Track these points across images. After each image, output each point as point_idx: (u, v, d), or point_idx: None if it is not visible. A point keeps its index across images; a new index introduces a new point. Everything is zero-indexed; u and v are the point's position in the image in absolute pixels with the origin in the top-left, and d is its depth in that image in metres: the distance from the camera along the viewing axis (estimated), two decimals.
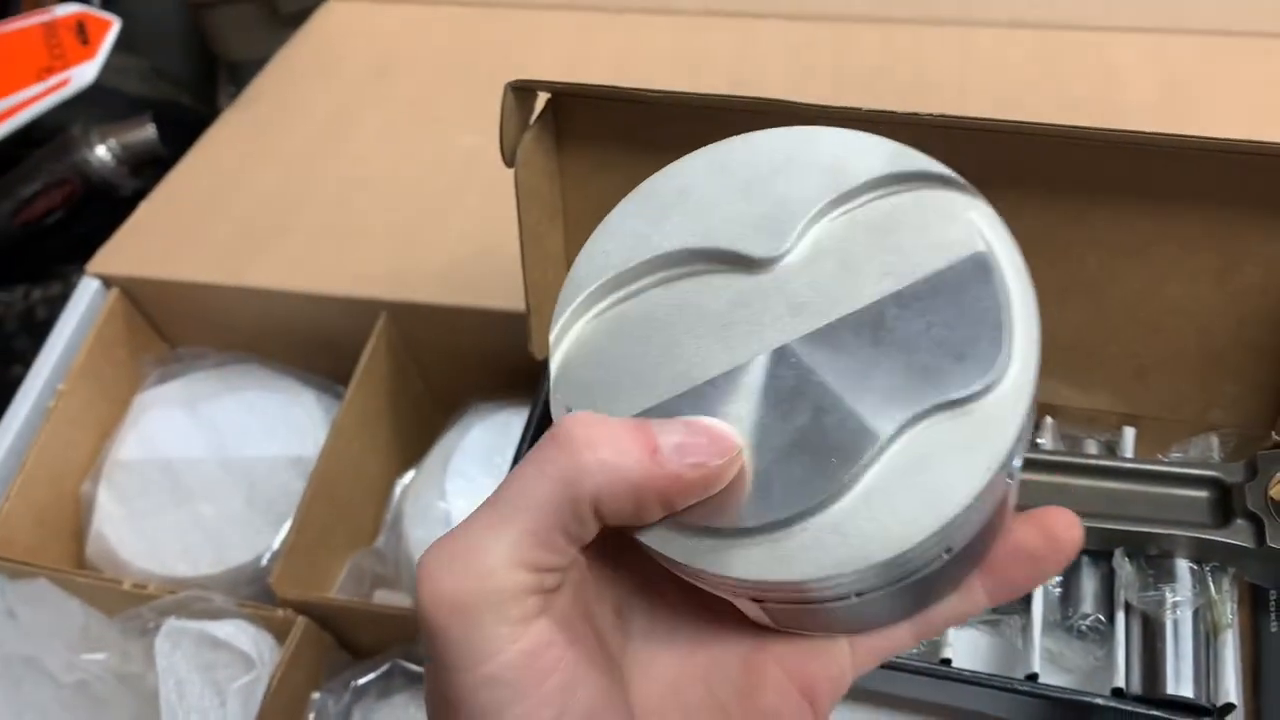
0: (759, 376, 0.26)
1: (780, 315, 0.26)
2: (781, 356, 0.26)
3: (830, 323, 0.26)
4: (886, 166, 0.27)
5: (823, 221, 0.27)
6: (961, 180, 0.27)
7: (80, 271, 0.72)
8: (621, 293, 0.28)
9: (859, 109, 0.46)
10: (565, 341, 0.28)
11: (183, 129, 0.88)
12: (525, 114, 0.49)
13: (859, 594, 0.25)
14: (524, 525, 0.24)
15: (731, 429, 0.25)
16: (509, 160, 0.49)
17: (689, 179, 0.29)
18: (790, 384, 0.26)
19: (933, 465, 0.24)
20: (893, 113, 0.45)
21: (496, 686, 0.24)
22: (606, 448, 0.24)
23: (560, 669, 0.24)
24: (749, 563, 0.25)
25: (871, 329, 0.25)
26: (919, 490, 0.24)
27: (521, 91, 0.48)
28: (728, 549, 0.25)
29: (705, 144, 0.33)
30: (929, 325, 0.25)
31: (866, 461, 0.24)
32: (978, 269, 0.25)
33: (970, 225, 0.26)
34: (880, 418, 0.24)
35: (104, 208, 0.86)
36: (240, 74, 1.18)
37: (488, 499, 0.25)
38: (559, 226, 0.54)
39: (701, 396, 0.26)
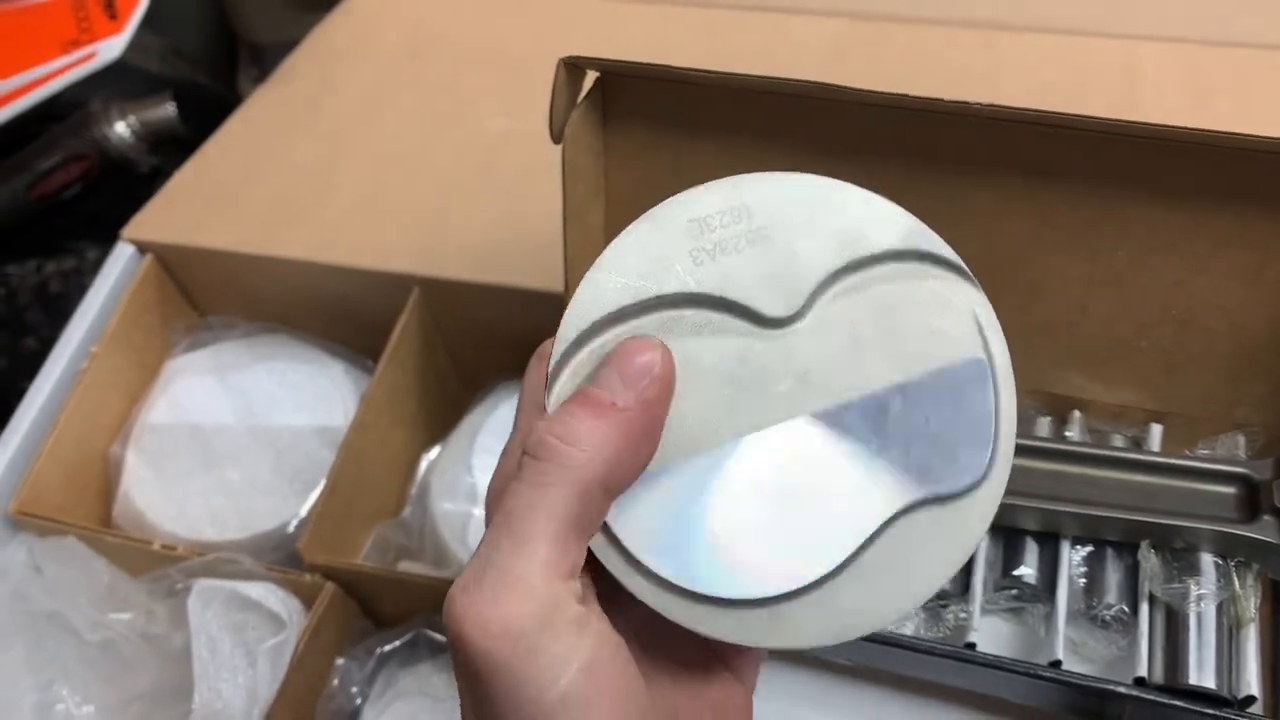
0: (768, 449, 0.27)
1: (789, 386, 0.27)
2: (791, 432, 0.27)
3: (840, 404, 0.27)
4: (901, 242, 0.28)
5: (832, 289, 0.28)
6: (966, 269, 0.29)
7: (95, 246, 0.73)
8: (624, 328, 0.28)
9: (905, 95, 0.46)
10: (563, 376, 0.28)
11: (202, 109, 0.89)
12: (575, 91, 0.49)
13: None
14: (546, 537, 0.24)
15: (655, 342, 0.27)
16: (557, 137, 0.49)
17: (706, 211, 0.29)
18: (797, 460, 0.27)
19: (914, 554, 0.27)
20: (940, 100, 0.46)
21: (572, 707, 0.24)
22: (582, 430, 0.25)
23: (617, 680, 0.25)
24: (744, 629, 0.27)
25: (877, 417, 0.27)
26: (900, 577, 0.26)
27: (572, 69, 0.48)
28: (721, 614, 0.27)
29: (749, 128, 0.33)
30: (928, 420, 0.27)
31: (859, 548, 0.26)
32: (977, 374, 0.27)
33: (972, 322, 0.28)
34: (875, 505, 0.26)
35: (121, 184, 0.86)
36: (262, 56, 1.18)
37: (494, 533, 0.25)
38: (600, 205, 0.55)
39: (712, 462, 0.27)
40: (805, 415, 0.27)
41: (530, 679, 0.23)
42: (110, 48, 0.83)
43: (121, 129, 0.85)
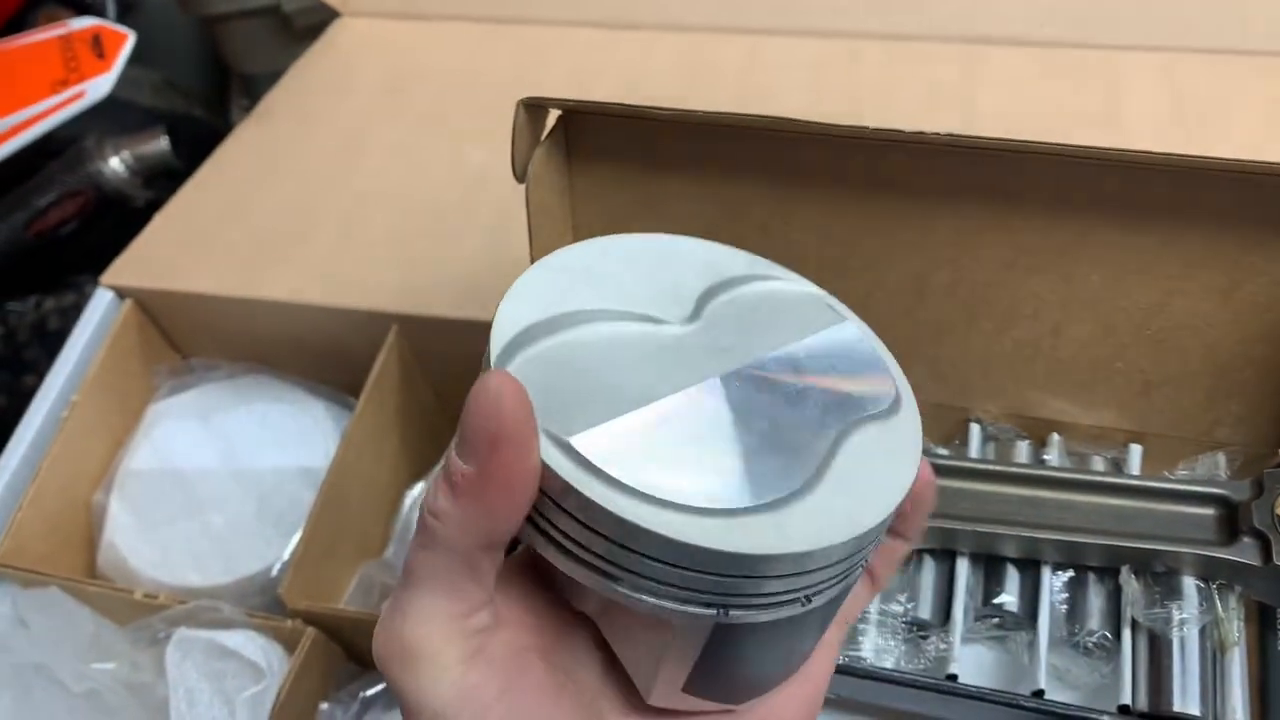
0: (714, 393, 0.29)
1: (707, 355, 0.30)
2: (728, 380, 0.29)
3: (755, 360, 0.30)
4: (747, 268, 0.34)
5: (712, 300, 0.32)
6: (801, 277, 0.34)
7: (93, 282, 0.73)
8: (547, 339, 0.29)
9: (866, 128, 0.46)
10: None
11: (195, 141, 0.89)
12: (536, 131, 0.49)
13: (809, 597, 0.28)
14: (437, 584, 0.28)
15: (496, 382, 0.26)
16: (520, 176, 0.49)
17: (589, 260, 0.32)
18: (742, 401, 0.29)
19: (875, 462, 0.29)
20: (899, 131, 0.45)
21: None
22: (441, 506, 0.27)
23: (501, 704, 0.28)
24: (749, 536, 0.26)
25: (791, 366, 0.31)
26: (869, 485, 0.28)
27: (533, 109, 0.48)
28: (724, 527, 0.26)
29: (714, 161, 0.33)
30: (832, 365, 0.31)
31: (824, 460, 0.28)
32: (850, 332, 0.33)
33: (826, 303, 0.34)
34: (822, 427, 0.29)
35: (117, 219, 0.86)
36: (253, 87, 1.18)
37: (400, 580, 0.29)
38: (568, 241, 0.55)
39: (666, 409, 0.28)
40: (732, 370, 0.30)
41: (413, 697, 0.28)
42: (99, 86, 0.84)
43: (115, 164, 0.85)
